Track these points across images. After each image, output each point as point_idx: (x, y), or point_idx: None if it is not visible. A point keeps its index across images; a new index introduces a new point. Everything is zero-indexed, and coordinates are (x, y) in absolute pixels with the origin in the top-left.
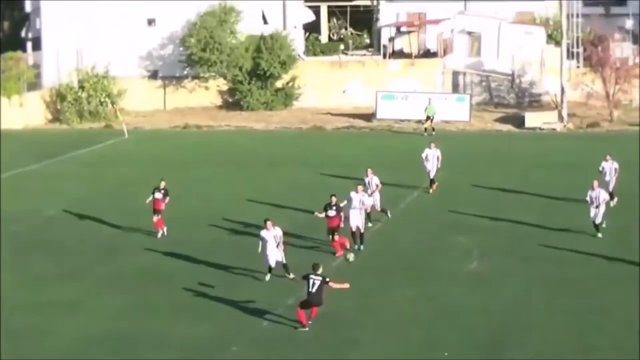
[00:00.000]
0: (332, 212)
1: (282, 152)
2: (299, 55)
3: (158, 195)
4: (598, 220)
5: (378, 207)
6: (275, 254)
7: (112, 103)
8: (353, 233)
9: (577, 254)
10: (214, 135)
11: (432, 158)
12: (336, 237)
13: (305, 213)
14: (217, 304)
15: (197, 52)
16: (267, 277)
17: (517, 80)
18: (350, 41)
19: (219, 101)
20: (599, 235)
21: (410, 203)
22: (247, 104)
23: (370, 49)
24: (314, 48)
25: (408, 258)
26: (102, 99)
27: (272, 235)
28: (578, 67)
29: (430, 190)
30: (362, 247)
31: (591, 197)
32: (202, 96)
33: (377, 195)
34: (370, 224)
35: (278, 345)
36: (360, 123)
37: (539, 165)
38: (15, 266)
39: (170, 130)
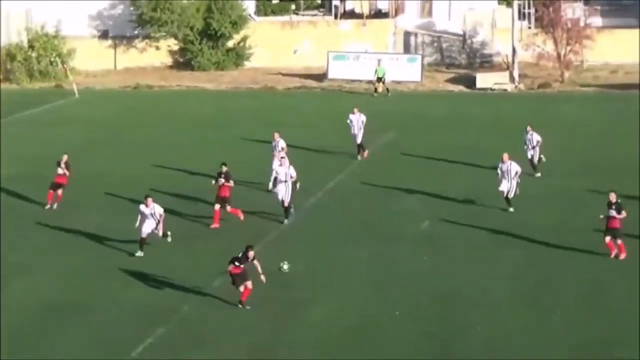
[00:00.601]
0: (221, 181)
1: (234, 111)
2: (250, 15)
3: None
4: (511, 195)
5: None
6: (149, 227)
7: (63, 63)
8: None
9: (523, 213)
10: (164, 95)
11: (356, 123)
12: (228, 208)
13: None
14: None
15: (147, 11)
16: (139, 253)
17: (469, 41)
18: (302, 1)
19: (169, 61)
20: (511, 209)
21: (358, 166)
22: (199, 64)
23: (321, 9)
24: (265, 8)
25: (360, 218)
26: (52, 59)
27: (150, 212)
28: (530, 27)
29: (359, 157)
30: (286, 220)
31: (502, 171)
32: (153, 56)
33: (285, 161)
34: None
35: (229, 305)
36: (312, 83)
37: (490, 125)
38: None
39: (121, 90)
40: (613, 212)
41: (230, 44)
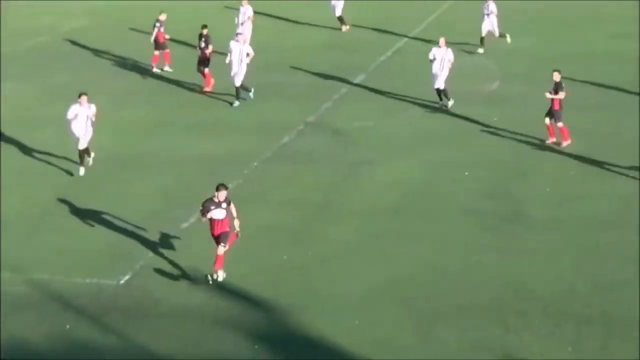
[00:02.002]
0: (202, 44)
1: None
2: None
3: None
4: (442, 86)
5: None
6: (83, 132)
7: None
8: (237, 89)
9: None
10: None
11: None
12: (206, 70)
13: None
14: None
15: None
16: (82, 170)
17: None
18: None
19: None
20: (450, 102)
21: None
22: None
23: None
24: None
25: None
26: None
27: (85, 112)
28: None
29: (344, 29)
30: (236, 103)
31: (434, 56)
32: None
33: (248, 25)
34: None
35: (300, 161)
36: None
37: None
38: (37, 79)
39: None
40: (551, 93)
41: None
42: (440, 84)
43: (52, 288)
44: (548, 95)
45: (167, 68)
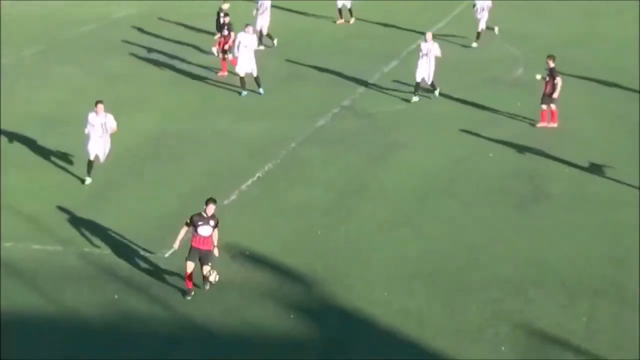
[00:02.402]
0: (225, 32)
1: None
2: None
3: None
4: (430, 80)
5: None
6: (100, 145)
7: None
8: (242, 79)
9: None
10: None
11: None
12: (229, 56)
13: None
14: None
15: None
16: (88, 180)
17: None
18: None
19: None
20: (436, 93)
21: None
22: None
23: None
24: None
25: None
26: None
27: (101, 122)
28: None
29: (349, 21)
30: (261, 90)
31: (423, 49)
32: None
33: (267, 16)
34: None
35: (334, 143)
36: None
37: None
38: (83, 62)
39: None
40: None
41: None
42: (424, 76)
43: (102, 261)
44: (538, 77)
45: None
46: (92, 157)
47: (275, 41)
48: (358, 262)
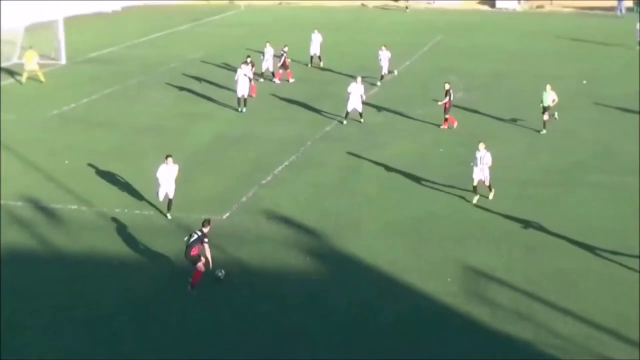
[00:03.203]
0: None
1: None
2: None
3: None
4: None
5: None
6: (168, 189)
7: None
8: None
9: None
10: (303, 7)
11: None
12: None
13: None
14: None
15: None
16: (169, 215)
17: None
18: None
19: None
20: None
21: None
22: None
23: None
24: None
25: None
26: None
27: (171, 171)
28: None
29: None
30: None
31: (351, 90)
32: None
33: (271, 62)
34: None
35: (338, 141)
36: None
37: (505, 30)
38: (168, 89)
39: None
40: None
41: None
42: (356, 107)
43: (173, 222)
44: (439, 103)
45: (291, 80)
46: (161, 199)
47: (322, 63)
48: (354, 224)
